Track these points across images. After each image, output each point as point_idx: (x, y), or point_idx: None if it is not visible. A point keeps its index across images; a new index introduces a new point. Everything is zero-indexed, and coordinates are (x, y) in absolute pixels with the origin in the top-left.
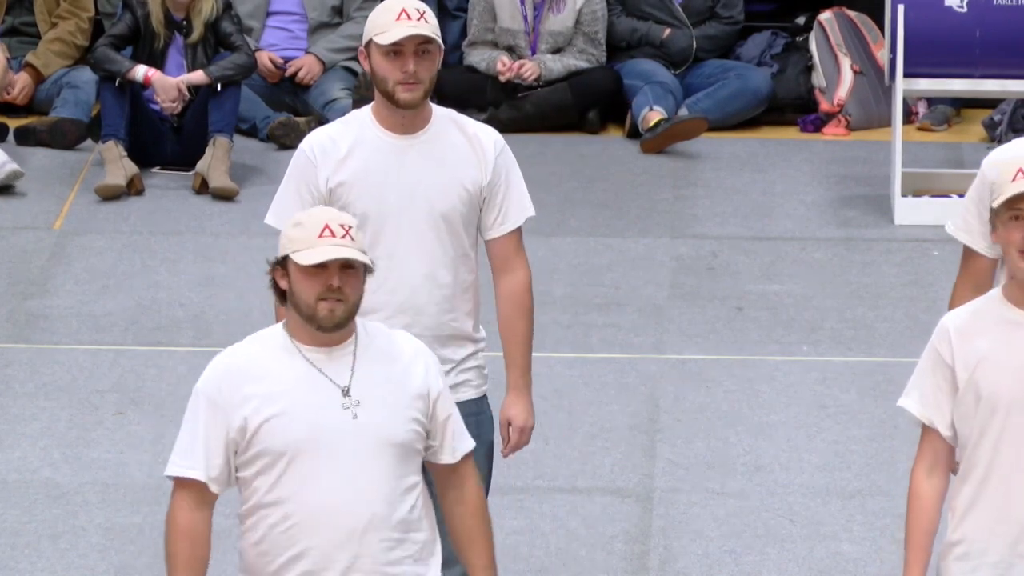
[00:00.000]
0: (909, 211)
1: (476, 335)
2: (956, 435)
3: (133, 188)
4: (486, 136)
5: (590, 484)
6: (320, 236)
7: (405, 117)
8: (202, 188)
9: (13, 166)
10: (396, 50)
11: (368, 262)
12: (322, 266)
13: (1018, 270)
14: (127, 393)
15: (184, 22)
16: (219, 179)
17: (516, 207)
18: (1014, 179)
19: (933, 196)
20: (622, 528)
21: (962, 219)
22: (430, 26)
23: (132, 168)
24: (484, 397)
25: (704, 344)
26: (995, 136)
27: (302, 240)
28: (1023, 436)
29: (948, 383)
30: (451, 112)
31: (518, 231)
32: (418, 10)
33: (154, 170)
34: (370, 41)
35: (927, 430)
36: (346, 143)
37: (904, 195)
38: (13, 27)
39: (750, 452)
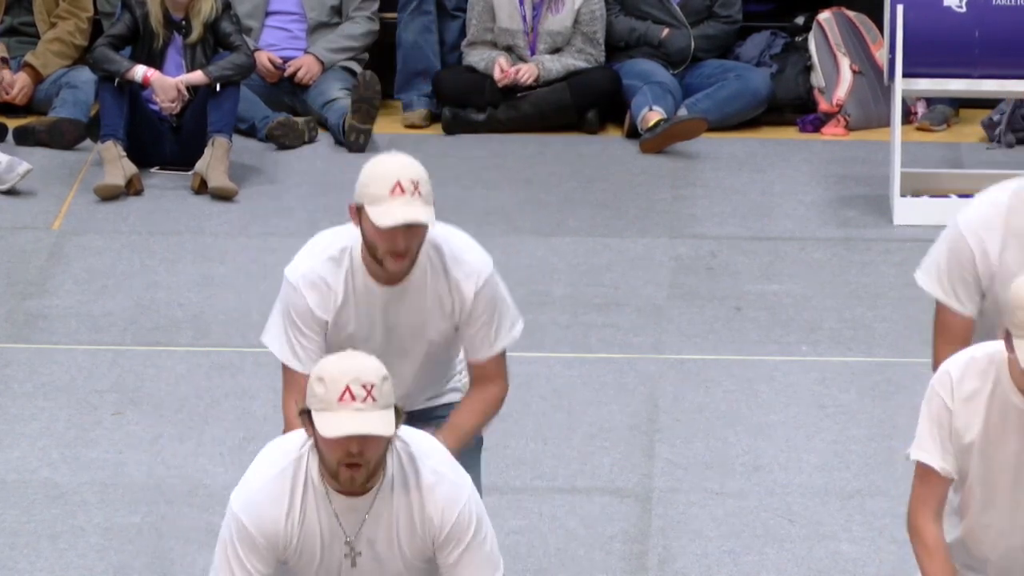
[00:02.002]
0: (908, 211)
1: (456, 370)
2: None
3: (132, 188)
4: (467, 279)
5: (589, 484)
6: (340, 400)
7: (390, 273)
8: (201, 188)
9: (25, 165)
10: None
11: (390, 433)
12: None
13: None
14: (126, 393)
15: (183, 22)
16: (218, 179)
17: (504, 334)
18: None
19: (932, 196)
20: (621, 528)
21: (936, 277)
22: (422, 199)
23: (131, 168)
24: None
25: (703, 344)
26: (994, 136)
27: (323, 400)
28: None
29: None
30: (440, 249)
31: (502, 352)
32: (413, 182)
33: (153, 170)
34: (363, 205)
35: (933, 475)
36: (340, 288)
37: (903, 195)
38: (12, 27)
39: (749, 452)
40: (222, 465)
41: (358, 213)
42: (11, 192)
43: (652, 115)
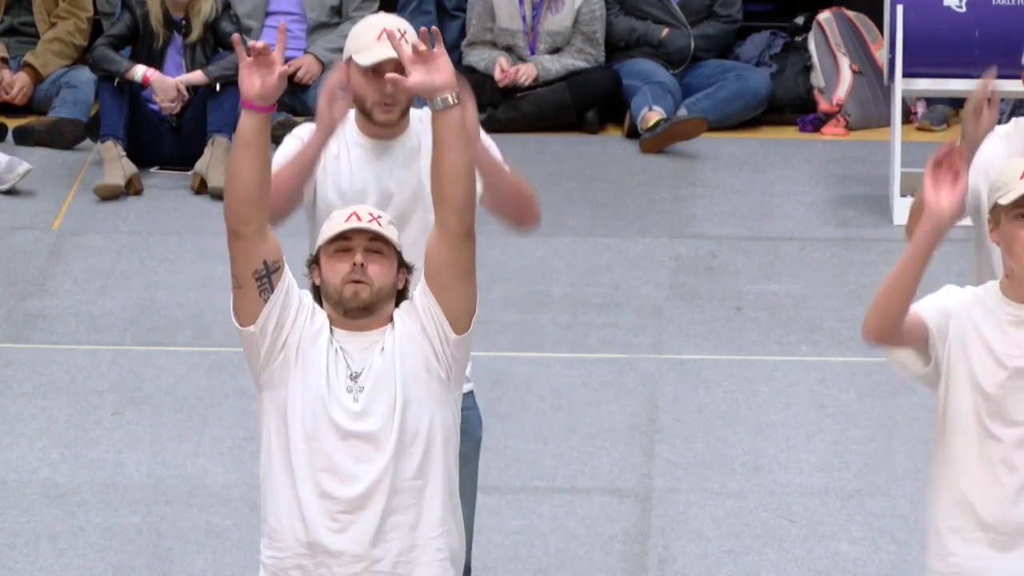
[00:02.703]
0: (908, 211)
1: None
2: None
3: (132, 188)
4: None
5: (589, 484)
6: (347, 220)
7: (384, 129)
8: (201, 188)
9: (25, 165)
10: (375, 70)
11: (397, 246)
12: (346, 244)
13: (1020, 267)
14: (125, 393)
15: (183, 22)
16: (218, 179)
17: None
18: (1023, 176)
19: None
20: (621, 528)
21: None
22: (410, 45)
23: (131, 168)
24: (471, 393)
25: (703, 344)
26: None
27: (330, 228)
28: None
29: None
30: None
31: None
32: (399, 29)
33: (153, 170)
34: (350, 58)
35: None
36: (335, 144)
37: (903, 195)
38: (12, 27)
39: (749, 452)
40: (222, 465)
41: (347, 68)
42: (11, 192)
43: (652, 115)
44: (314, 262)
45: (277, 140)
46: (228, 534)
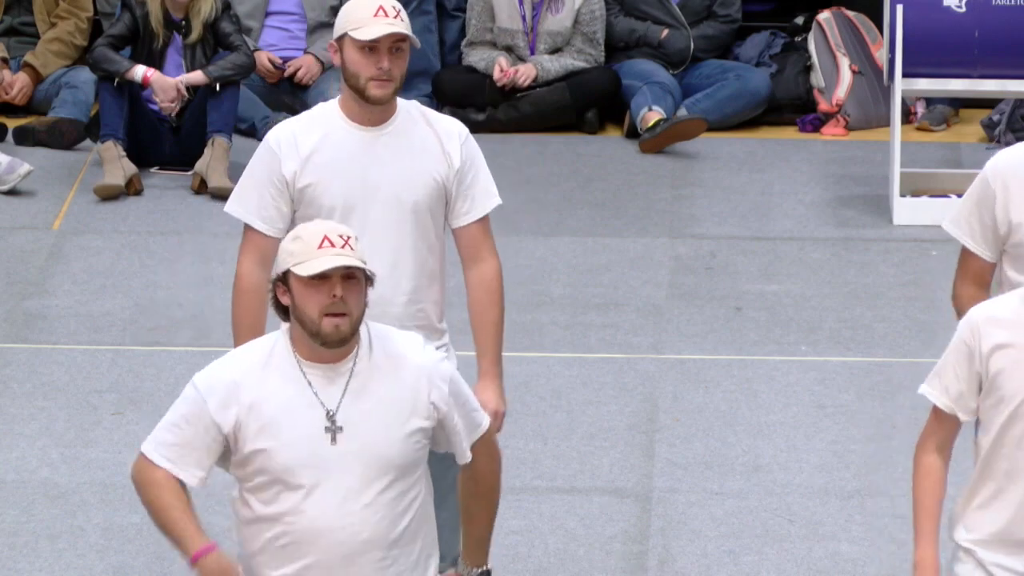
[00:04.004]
0: (908, 211)
1: (440, 326)
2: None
3: (132, 188)
4: (451, 126)
5: (589, 484)
6: (320, 247)
7: (373, 111)
8: (201, 188)
9: (25, 166)
10: (371, 46)
11: (370, 272)
12: (323, 277)
13: None
14: (125, 393)
15: (183, 22)
16: (218, 179)
17: (483, 195)
18: None
19: (932, 196)
20: (621, 528)
21: (964, 221)
22: (405, 24)
23: (131, 168)
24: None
25: (703, 344)
26: (994, 136)
27: (301, 252)
28: None
29: (974, 374)
30: (416, 104)
31: (486, 219)
32: (394, 8)
33: (153, 170)
34: (344, 35)
35: (944, 414)
36: (313, 137)
37: (903, 195)
38: (12, 27)
39: (749, 452)
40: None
41: (339, 46)
42: (11, 192)
43: (651, 115)
44: (281, 281)
45: None
46: (228, 534)
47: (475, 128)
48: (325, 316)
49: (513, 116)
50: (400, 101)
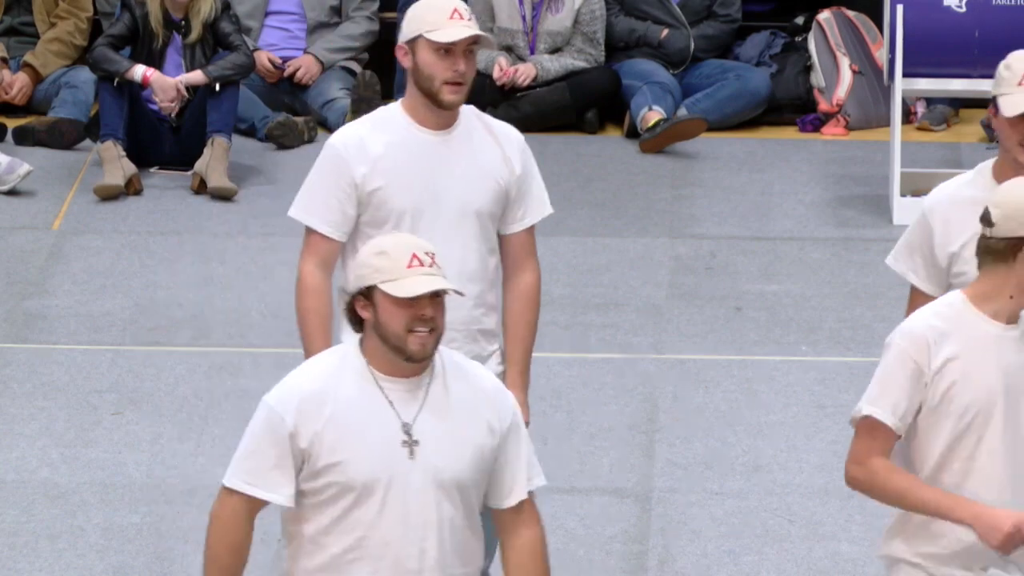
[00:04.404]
0: (908, 211)
1: (497, 330)
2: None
3: (131, 188)
4: (510, 131)
5: (589, 484)
6: (409, 266)
7: (441, 115)
8: (200, 188)
9: (25, 167)
10: (448, 49)
11: (458, 291)
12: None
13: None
14: (125, 393)
15: (183, 22)
16: (217, 179)
17: (537, 203)
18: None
19: None
20: (621, 528)
21: (907, 257)
22: (477, 26)
23: (130, 168)
24: None
25: (703, 344)
26: (994, 136)
27: (391, 270)
28: (997, 448)
29: (920, 391)
30: (473, 108)
31: (533, 228)
32: (467, 11)
33: (152, 170)
34: (418, 37)
35: (885, 431)
36: (380, 140)
37: (903, 195)
38: (11, 27)
39: (749, 452)
40: (222, 465)
41: (410, 49)
42: (11, 192)
43: (652, 115)
44: (363, 295)
45: (276, 140)
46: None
47: None
48: (411, 333)
49: (513, 116)
50: (462, 108)
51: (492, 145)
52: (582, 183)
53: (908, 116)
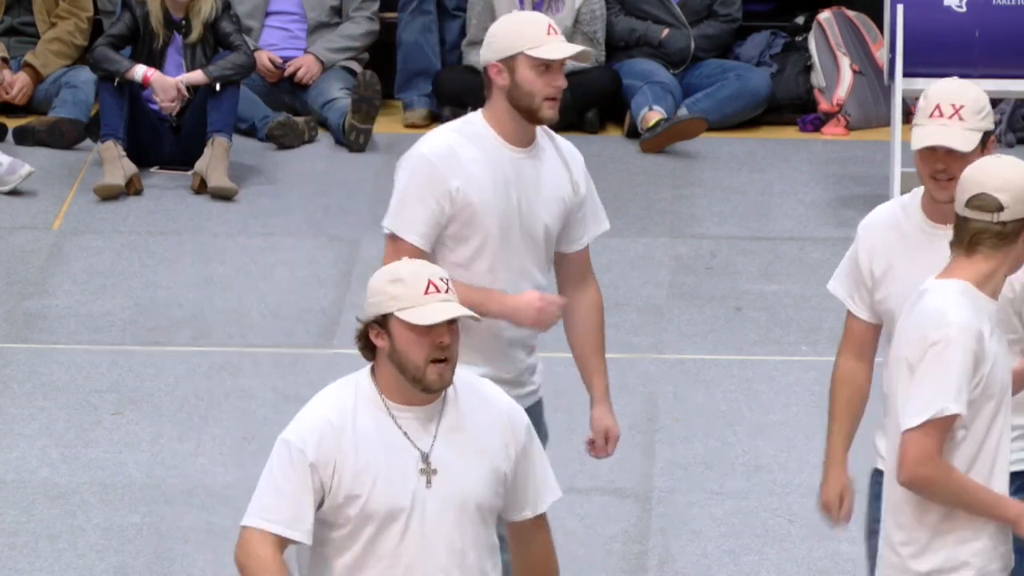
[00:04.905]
0: None
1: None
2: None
3: (132, 188)
4: (574, 150)
5: (589, 484)
6: (426, 293)
7: (527, 132)
8: (201, 188)
9: (26, 167)
10: (548, 65)
11: (474, 316)
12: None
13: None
14: (125, 393)
15: (183, 22)
16: (218, 179)
17: (594, 221)
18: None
19: None
20: (621, 528)
21: (843, 281)
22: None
23: (131, 168)
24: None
25: (703, 344)
26: (995, 136)
27: (407, 297)
28: None
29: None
30: (543, 126)
31: (588, 245)
32: (555, 25)
33: (153, 170)
34: (517, 54)
35: (951, 425)
36: (470, 153)
37: (903, 195)
38: (12, 27)
39: (749, 452)
40: (222, 465)
41: (506, 66)
42: (11, 192)
43: (652, 115)
44: (377, 323)
45: (277, 140)
46: (228, 534)
47: None
48: (430, 364)
49: None
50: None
51: (561, 165)
52: None
53: (908, 116)
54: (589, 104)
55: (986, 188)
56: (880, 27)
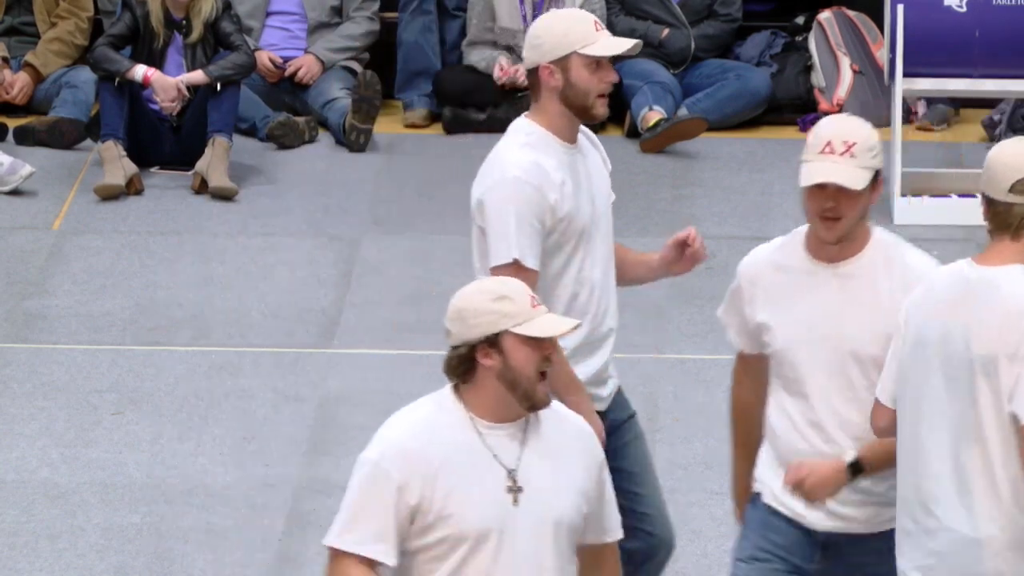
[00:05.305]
0: (908, 211)
1: None
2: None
3: (132, 188)
4: (592, 135)
5: None
6: (534, 307)
7: (576, 128)
8: (201, 188)
9: (27, 168)
10: (599, 62)
11: (578, 326)
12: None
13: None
14: (125, 393)
15: (183, 22)
16: (218, 179)
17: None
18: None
19: (932, 196)
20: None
21: (728, 314)
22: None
23: (131, 168)
24: None
25: (703, 344)
26: (994, 136)
27: (520, 313)
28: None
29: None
30: None
31: None
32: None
33: (153, 170)
34: (570, 54)
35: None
36: (551, 163)
37: (903, 195)
38: (12, 27)
39: None
40: (222, 465)
41: (558, 68)
42: (11, 192)
43: (652, 115)
44: (487, 343)
45: (277, 140)
46: (228, 534)
47: (475, 128)
48: (541, 378)
49: (514, 116)
50: None
51: (596, 155)
52: None
53: (908, 116)
54: None
55: (1017, 170)
56: (880, 27)
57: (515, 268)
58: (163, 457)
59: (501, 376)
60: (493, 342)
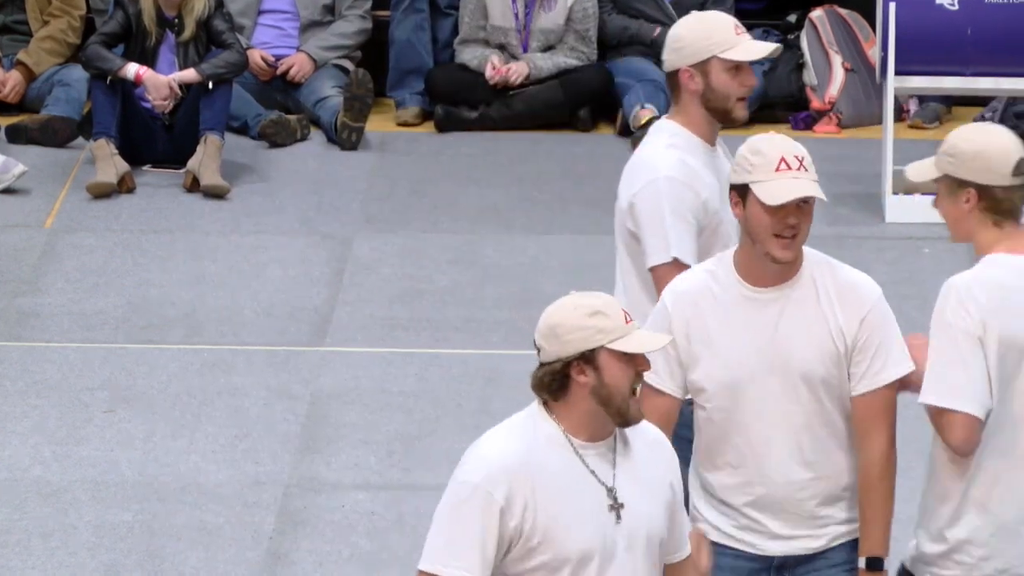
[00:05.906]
0: (900, 209)
1: None
2: None
3: (124, 186)
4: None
5: None
6: (627, 322)
7: (716, 130)
8: (193, 186)
9: (20, 167)
10: (739, 66)
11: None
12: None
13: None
14: (118, 391)
15: (176, 20)
16: (210, 177)
17: None
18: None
19: (924, 194)
20: None
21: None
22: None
23: (123, 166)
24: None
25: None
26: None
27: (615, 328)
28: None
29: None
30: None
31: None
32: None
33: (145, 168)
34: (710, 59)
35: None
36: (696, 162)
37: (895, 193)
38: (4, 25)
39: None
40: (214, 463)
41: (699, 72)
42: (4, 191)
43: (644, 113)
44: (582, 359)
45: (269, 138)
46: (220, 531)
47: (467, 126)
48: (633, 395)
49: (506, 114)
50: None
51: (726, 159)
52: (575, 181)
53: (900, 114)
54: (581, 102)
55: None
56: (872, 25)
57: (676, 267)
58: (155, 455)
59: (595, 392)
60: (588, 358)
